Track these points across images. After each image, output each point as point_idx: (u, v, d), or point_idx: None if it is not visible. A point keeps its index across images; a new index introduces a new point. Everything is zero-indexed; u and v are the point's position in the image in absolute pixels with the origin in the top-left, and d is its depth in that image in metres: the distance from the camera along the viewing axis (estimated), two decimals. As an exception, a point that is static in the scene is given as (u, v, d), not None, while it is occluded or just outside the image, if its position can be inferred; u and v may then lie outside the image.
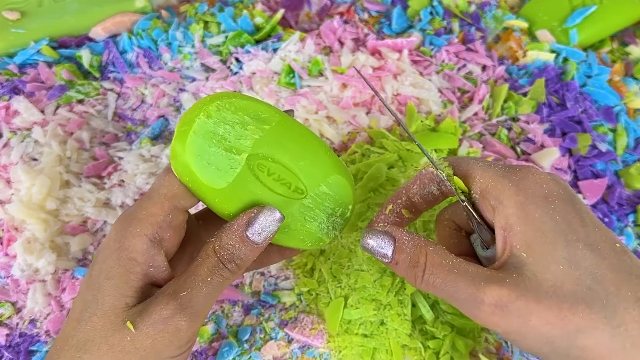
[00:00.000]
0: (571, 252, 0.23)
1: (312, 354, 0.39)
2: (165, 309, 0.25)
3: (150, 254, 0.27)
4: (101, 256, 0.27)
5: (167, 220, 0.28)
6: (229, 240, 0.25)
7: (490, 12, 0.58)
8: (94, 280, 0.27)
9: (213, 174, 0.27)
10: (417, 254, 0.25)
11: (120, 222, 0.28)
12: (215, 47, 0.54)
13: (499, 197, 0.26)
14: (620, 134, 0.49)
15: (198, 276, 0.25)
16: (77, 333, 0.25)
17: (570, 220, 0.24)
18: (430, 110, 0.50)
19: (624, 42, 0.57)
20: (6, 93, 0.50)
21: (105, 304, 0.25)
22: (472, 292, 0.24)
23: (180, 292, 0.25)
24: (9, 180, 0.45)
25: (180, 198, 0.28)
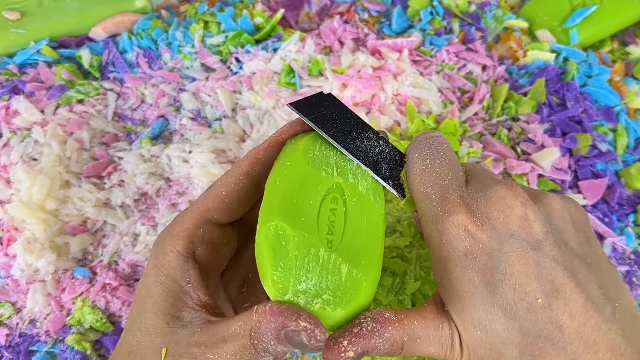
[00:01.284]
0: (486, 316, 0.23)
1: (312, 354, 0.38)
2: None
3: (184, 269, 0.26)
4: (145, 271, 0.28)
5: (199, 234, 0.28)
6: (265, 334, 0.22)
7: (490, 12, 0.58)
8: (138, 295, 0.27)
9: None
10: (395, 349, 0.24)
11: (158, 237, 0.28)
12: (215, 47, 0.54)
13: (427, 241, 0.25)
14: (621, 134, 0.49)
15: (229, 346, 0.23)
16: (125, 344, 0.26)
17: (487, 280, 0.23)
18: (431, 110, 0.50)
19: (624, 42, 0.57)
20: (6, 93, 0.50)
21: (147, 321, 0.26)
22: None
23: (209, 353, 0.24)
24: (9, 180, 0.45)
25: (214, 212, 0.28)
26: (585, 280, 0.23)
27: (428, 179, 0.26)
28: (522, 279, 0.23)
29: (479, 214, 0.24)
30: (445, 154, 0.27)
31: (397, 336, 0.24)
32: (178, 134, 0.49)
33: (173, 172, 0.46)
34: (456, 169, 0.26)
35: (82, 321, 0.40)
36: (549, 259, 0.23)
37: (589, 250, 0.25)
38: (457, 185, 0.25)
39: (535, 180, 0.46)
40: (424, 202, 0.26)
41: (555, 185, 0.46)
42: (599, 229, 0.44)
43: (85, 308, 0.40)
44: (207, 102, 0.51)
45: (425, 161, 0.26)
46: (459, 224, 0.24)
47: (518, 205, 0.24)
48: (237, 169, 0.28)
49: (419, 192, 0.26)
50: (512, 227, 0.24)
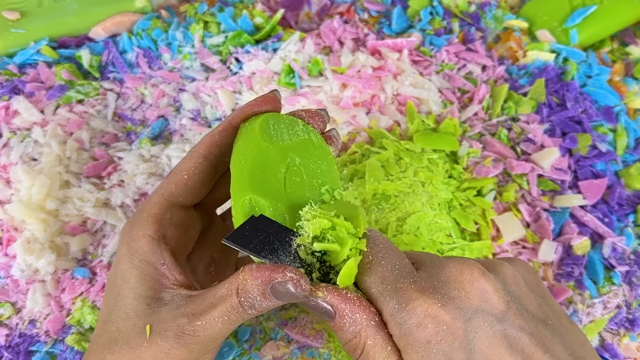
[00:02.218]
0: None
1: (312, 354, 0.39)
2: (179, 332, 0.25)
3: (157, 252, 0.27)
4: (115, 260, 0.28)
5: (167, 218, 0.29)
6: (251, 290, 0.23)
7: (490, 12, 0.58)
8: (112, 284, 0.28)
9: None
10: (356, 343, 0.24)
11: (125, 226, 0.29)
12: (215, 47, 0.54)
13: (396, 343, 0.24)
14: (620, 134, 0.49)
15: (216, 310, 0.24)
16: (103, 333, 0.26)
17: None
18: (431, 110, 0.50)
19: (624, 42, 0.57)
20: (6, 93, 0.50)
21: (127, 306, 0.26)
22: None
23: (197, 320, 0.24)
24: (8, 180, 0.45)
25: (178, 195, 0.29)
26: (552, 343, 0.23)
27: (376, 275, 0.25)
28: (494, 355, 0.23)
29: (438, 296, 0.23)
30: (384, 246, 0.26)
31: (364, 330, 0.24)
32: (178, 134, 0.49)
33: (173, 172, 0.46)
34: (401, 257, 0.26)
35: (82, 321, 0.40)
36: (515, 329, 0.23)
37: (548, 311, 0.25)
38: (407, 272, 0.25)
39: (535, 181, 0.46)
40: (378, 299, 0.24)
41: (555, 186, 0.46)
42: (598, 229, 0.44)
43: (85, 308, 0.40)
44: (207, 102, 0.51)
45: (367, 258, 0.25)
46: (418, 312, 0.23)
47: (477, 278, 0.24)
48: (195, 153, 0.29)
49: (371, 292, 0.25)
50: (475, 302, 0.23)
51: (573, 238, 0.43)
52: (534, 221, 0.45)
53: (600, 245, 0.43)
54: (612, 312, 0.41)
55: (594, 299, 0.41)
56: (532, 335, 0.23)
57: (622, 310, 0.41)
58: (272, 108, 0.29)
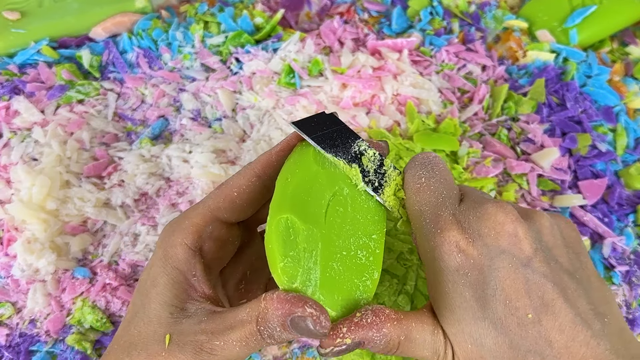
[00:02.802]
0: (477, 330, 0.24)
1: (312, 354, 0.39)
2: (198, 348, 0.24)
3: (191, 262, 0.27)
4: (150, 262, 0.28)
5: (208, 231, 0.28)
6: (271, 320, 0.23)
7: (490, 12, 0.58)
8: (142, 286, 0.28)
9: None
10: (391, 347, 0.25)
11: (166, 229, 0.29)
12: (215, 47, 0.54)
13: (422, 257, 0.26)
14: (620, 134, 0.49)
15: (235, 333, 0.24)
16: (125, 334, 0.26)
17: (478, 295, 0.24)
18: (430, 110, 0.50)
19: (624, 42, 0.57)
20: (6, 93, 0.50)
21: (151, 311, 0.26)
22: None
23: (215, 339, 0.24)
24: (9, 180, 0.45)
25: (224, 211, 0.29)
26: (575, 295, 0.24)
27: (422, 197, 0.27)
28: (512, 295, 0.23)
29: (470, 231, 0.25)
30: (440, 173, 0.27)
31: (394, 334, 0.24)
32: (178, 134, 0.49)
33: (173, 172, 0.46)
34: (450, 187, 0.27)
35: (82, 321, 0.40)
36: (538, 275, 0.24)
37: (578, 266, 0.26)
38: (450, 203, 0.26)
39: (535, 180, 0.46)
40: (418, 219, 0.26)
41: (555, 185, 0.46)
42: (598, 229, 0.44)
43: (85, 308, 0.40)
44: (207, 102, 0.51)
45: (420, 180, 0.27)
46: (450, 241, 0.25)
47: (508, 223, 0.25)
48: (250, 171, 0.29)
49: (414, 209, 0.27)
50: (503, 243, 0.24)
51: (573, 238, 0.43)
52: (534, 221, 0.45)
53: (600, 245, 0.43)
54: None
55: (594, 299, 0.41)
56: (555, 284, 0.24)
57: (622, 310, 0.41)
58: None
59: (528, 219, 0.26)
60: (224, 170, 0.45)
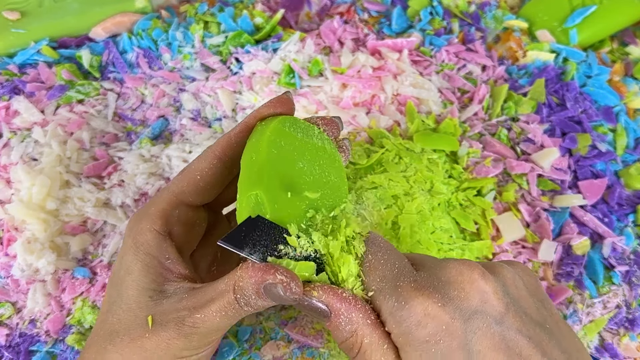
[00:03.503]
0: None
1: (312, 354, 0.39)
2: (180, 323, 0.25)
3: (162, 247, 0.28)
4: (120, 252, 0.29)
5: (174, 215, 0.29)
6: (246, 288, 0.24)
7: (490, 12, 0.58)
8: (115, 277, 0.28)
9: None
10: (352, 342, 0.24)
11: (132, 219, 0.29)
12: (215, 47, 0.54)
13: (397, 343, 0.24)
14: (620, 134, 0.49)
15: (215, 304, 0.25)
16: (104, 325, 0.27)
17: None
18: (431, 110, 0.50)
19: (624, 42, 0.57)
20: (6, 93, 0.50)
21: (129, 298, 0.27)
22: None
23: (196, 313, 0.25)
24: (9, 180, 0.45)
25: (188, 195, 0.29)
26: (549, 347, 0.24)
27: (376, 274, 0.25)
28: (492, 355, 0.23)
29: (438, 296, 0.23)
30: (384, 246, 0.26)
31: (362, 329, 0.24)
32: (178, 134, 0.49)
33: (173, 172, 0.46)
34: (400, 258, 0.26)
35: (82, 321, 0.40)
36: (513, 331, 0.23)
37: (546, 314, 0.26)
38: (407, 272, 0.25)
39: (535, 180, 0.46)
40: (377, 298, 0.24)
41: (555, 185, 0.46)
42: (598, 229, 0.44)
43: (85, 308, 0.40)
44: (207, 102, 0.51)
45: (367, 257, 0.25)
46: (417, 310, 0.23)
47: (477, 279, 0.24)
48: (211, 154, 0.29)
49: (371, 290, 0.25)
50: (474, 302, 0.23)
51: (573, 238, 0.43)
52: (534, 221, 0.45)
53: (600, 245, 0.43)
54: (611, 311, 0.41)
55: (594, 299, 0.41)
56: (530, 338, 0.23)
57: (622, 310, 0.41)
58: (287, 110, 0.30)
59: (491, 272, 0.25)
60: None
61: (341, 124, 0.31)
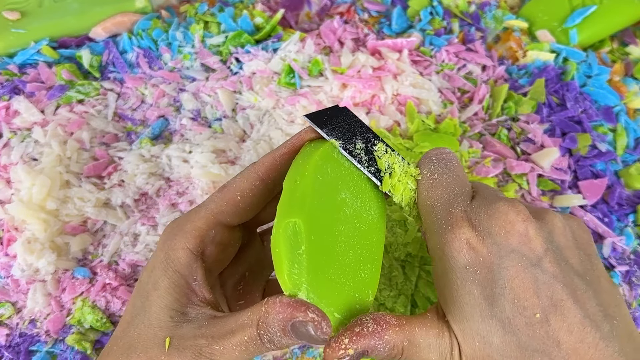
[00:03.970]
0: (485, 327, 0.24)
1: (312, 354, 0.39)
2: (197, 352, 0.24)
3: (193, 267, 0.27)
4: (150, 263, 0.28)
5: (210, 235, 0.28)
6: (272, 325, 0.23)
7: (490, 12, 0.58)
8: (143, 287, 0.27)
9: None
10: (395, 353, 0.25)
11: (167, 231, 0.28)
12: (215, 47, 0.54)
13: (430, 253, 0.26)
14: (620, 134, 0.49)
15: (235, 338, 0.24)
16: (125, 336, 0.26)
17: (487, 293, 0.24)
18: (431, 110, 0.50)
19: (624, 42, 0.57)
20: (6, 93, 0.50)
21: (151, 315, 0.26)
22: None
23: (215, 344, 0.24)
24: (9, 180, 0.45)
25: (227, 215, 0.28)
26: (584, 297, 0.24)
27: (434, 193, 0.27)
28: (521, 294, 0.23)
29: (480, 229, 0.24)
30: (453, 169, 0.27)
31: (397, 340, 0.24)
32: (178, 134, 0.49)
33: (173, 172, 0.46)
34: (463, 184, 0.27)
35: (82, 321, 0.40)
36: (548, 275, 0.24)
37: (589, 267, 0.26)
38: (462, 200, 0.26)
39: (535, 180, 0.46)
40: (429, 214, 0.26)
41: (555, 185, 0.46)
42: (598, 229, 0.44)
43: (85, 308, 0.40)
44: (207, 102, 0.51)
45: (433, 175, 0.27)
46: (461, 238, 0.24)
47: (519, 222, 0.25)
48: (253, 174, 0.29)
49: (425, 204, 0.27)
50: (513, 242, 0.24)
51: (573, 238, 0.43)
52: (534, 221, 0.45)
53: (600, 245, 0.43)
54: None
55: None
56: (565, 284, 0.24)
57: (622, 310, 0.41)
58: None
59: (540, 218, 0.26)
60: (224, 170, 0.45)
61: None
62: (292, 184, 0.26)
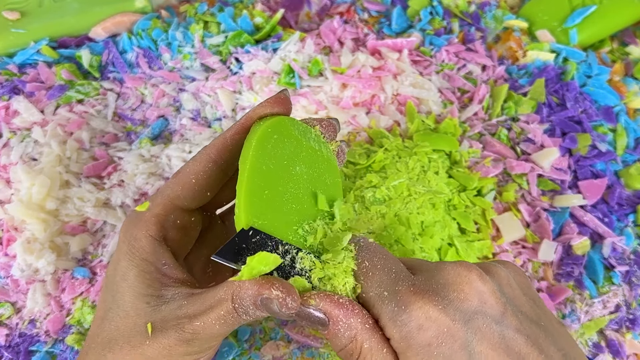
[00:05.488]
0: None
1: (312, 354, 0.39)
2: (180, 330, 0.25)
3: (159, 252, 0.27)
4: (115, 257, 0.28)
5: (170, 220, 0.29)
6: (245, 298, 0.23)
7: (490, 12, 0.58)
8: (110, 281, 0.28)
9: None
10: (352, 348, 0.24)
11: (126, 223, 0.29)
12: (215, 47, 0.54)
13: (397, 350, 0.24)
14: (620, 134, 0.49)
15: (213, 312, 0.24)
16: (101, 332, 0.26)
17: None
18: (431, 110, 0.50)
19: (624, 42, 0.57)
20: (6, 93, 0.50)
21: (126, 305, 0.26)
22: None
23: (195, 320, 0.25)
24: (9, 180, 0.45)
25: (183, 199, 0.29)
26: (546, 344, 0.24)
27: (373, 279, 0.24)
28: (493, 355, 0.23)
29: (437, 299, 0.23)
30: (379, 252, 0.26)
31: (361, 334, 0.23)
32: (178, 134, 0.49)
33: (173, 172, 0.46)
34: (396, 262, 0.25)
35: (82, 321, 0.40)
36: (512, 330, 0.23)
37: (540, 313, 0.26)
38: (404, 276, 0.24)
39: (535, 180, 0.46)
40: (376, 304, 0.24)
41: (555, 185, 0.46)
42: (598, 229, 0.44)
43: (85, 308, 0.40)
44: (207, 102, 0.51)
45: (363, 263, 0.25)
46: (419, 315, 0.23)
47: (475, 280, 0.24)
48: (205, 157, 0.29)
49: (369, 297, 0.24)
50: (474, 304, 0.23)
51: (573, 238, 0.43)
52: (534, 221, 0.45)
53: (600, 245, 0.43)
54: (611, 311, 0.41)
55: (594, 299, 0.41)
56: (528, 336, 0.23)
57: (622, 309, 0.41)
58: (284, 109, 0.29)
59: (486, 273, 0.25)
60: (224, 170, 0.45)
61: (338, 126, 0.31)
62: (244, 165, 0.25)
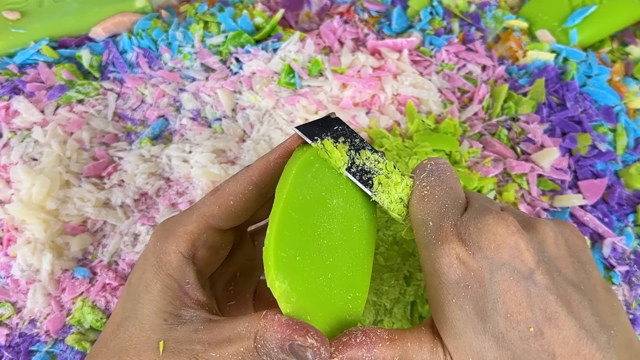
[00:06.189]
0: (478, 343, 0.23)
1: None
2: (193, 358, 0.24)
3: (185, 270, 0.27)
4: (141, 265, 0.28)
5: (202, 239, 0.28)
6: (270, 340, 0.23)
7: (490, 12, 0.58)
8: (133, 290, 0.27)
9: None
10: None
11: (158, 234, 0.28)
12: (215, 47, 0.54)
13: (423, 267, 0.26)
14: (620, 134, 0.49)
15: (232, 347, 0.24)
16: (115, 338, 0.26)
17: (479, 308, 0.23)
18: (431, 110, 0.50)
19: (624, 42, 0.57)
20: (6, 93, 0.50)
21: (144, 317, 0.26)
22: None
23: (211, 351, 0.24)
24: (9, 180, 0.45)
25: (219, 219, 0.28)
26: (579, 308, 0.23)
27: (426, 207, 0.26)
28: (514, 308, 0.23)
29: (470, 243, 0.24)
30: (446, 181, 0.27)
31: (387, 355, 0.24)
32: (178, 134, 0.49)
33: (173, 172, 0.46)
34: (455, 197, 0.26)
35: (82, 321, 0.40)
36: (540, 288, 0.23)
37: (584, 276, 0.25)
38: (453, 213, 0.25)
39: (535, 180, 0.46)
40: (420, 228, 0.26)
41: (555, 185, 0.46)
42: (598, 229, 0.44)
43: (85, 308, 0.40)
44: (207, 102, 0.51)
45: (425, 188, 0.27)
46: (450, 253, 0.24)
47: (509, 235, 0.24)
48: (247, 179, 0.28)
49: (417, 218, 0.26)
50: (503, 256, 0.24)
51: (573, 238, 0.43)
52: (534, 221, 0.45)
53: (600, 245, 0.43)
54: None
55: (594, 299, 0.41)
56: (558, 296, 0.23)
57: (622, 310, 0.41)
58: None
59: (531, 229, 0.25)
60: (224, 170, 0.45)
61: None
62: (281, 193, 0.25)
